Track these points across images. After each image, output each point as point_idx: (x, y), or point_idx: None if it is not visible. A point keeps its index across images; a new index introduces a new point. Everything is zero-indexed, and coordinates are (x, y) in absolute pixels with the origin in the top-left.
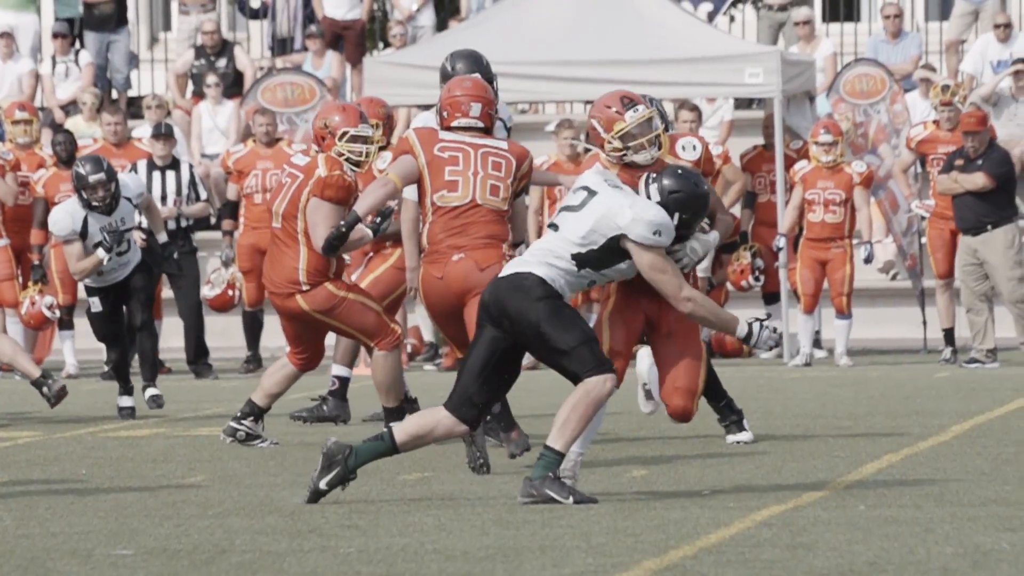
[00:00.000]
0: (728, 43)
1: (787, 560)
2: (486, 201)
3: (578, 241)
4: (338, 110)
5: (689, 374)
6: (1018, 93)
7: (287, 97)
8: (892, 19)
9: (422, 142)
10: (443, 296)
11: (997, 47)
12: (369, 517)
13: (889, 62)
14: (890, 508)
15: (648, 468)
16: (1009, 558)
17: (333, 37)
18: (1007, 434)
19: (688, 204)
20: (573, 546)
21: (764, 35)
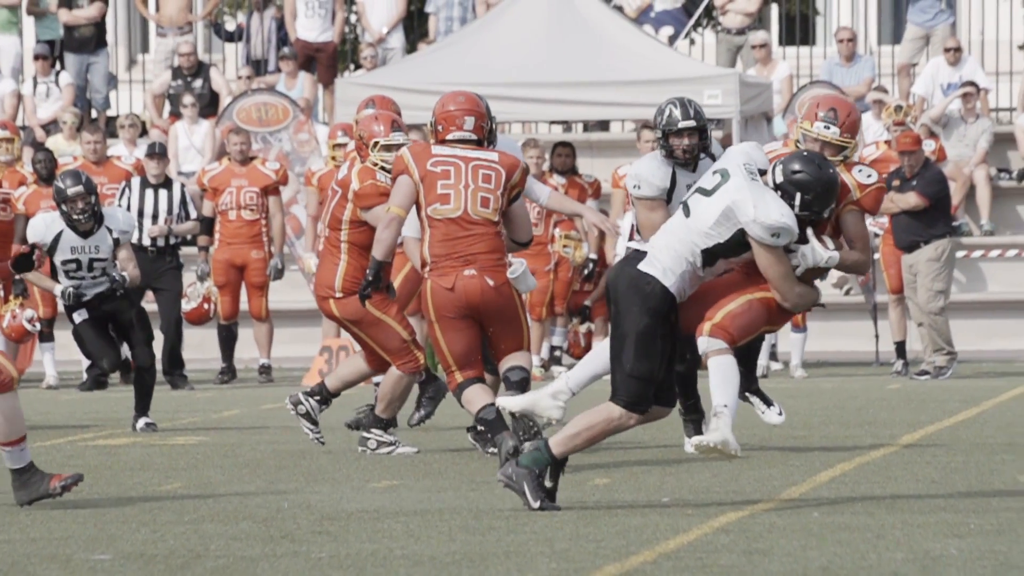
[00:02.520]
0: (688, 65)
1: (743, 565)
2: (477, 212)
3: (707, 231)
4: (372, 120)
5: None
6: (967, 115)
7: (261, 117)
8: (846, 43)
9: (416, 159)
10: (453, 304)
11: (947, 70)
12: (340, 523)
13: (843, 84)
14: (843, 515)
15: (610, 476)
16: (957, 563)
17: (306, 59)
18: (956, 444)
19: (809, 186)
20: (537, 552)
21: (723, 58)
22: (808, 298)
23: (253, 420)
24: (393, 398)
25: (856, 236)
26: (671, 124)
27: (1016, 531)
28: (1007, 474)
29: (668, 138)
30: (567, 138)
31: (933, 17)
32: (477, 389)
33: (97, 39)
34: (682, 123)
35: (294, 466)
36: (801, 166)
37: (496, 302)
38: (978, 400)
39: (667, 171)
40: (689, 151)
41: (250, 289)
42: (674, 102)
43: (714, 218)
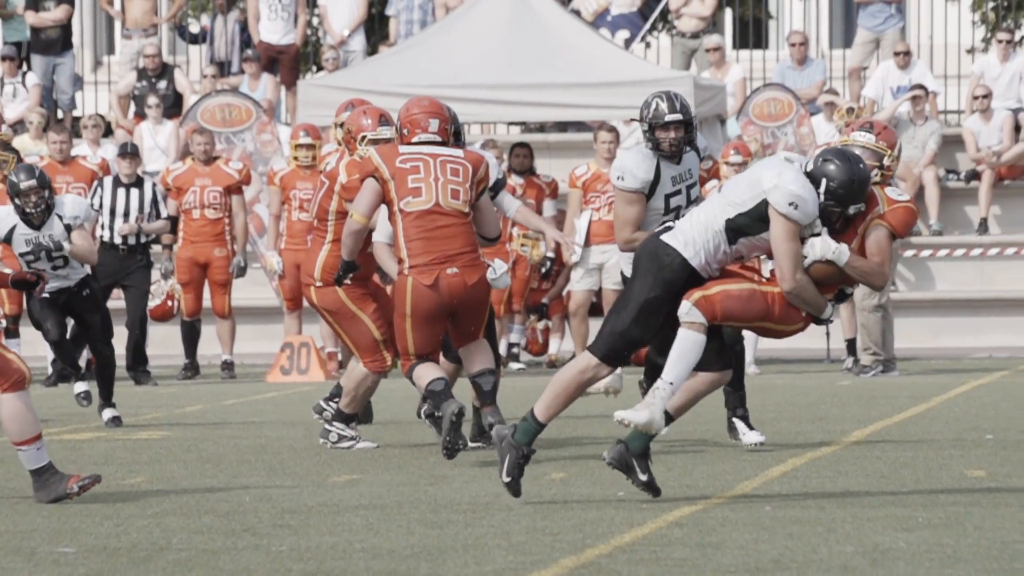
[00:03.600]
0: (644, 68)
1: (696, 558)
2: (448, 204)
3: (734, 201)
4: (360, 114)
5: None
6: (916, 117)
7: (225, 117)
8: (798, 47)
9: (384, 158)
10: (434, 303)
11: (897, 73)
12: (300, 517)
13: (795, 87)
14: (794, 509)
15: (566, 471)
16: (906, 556)
17: (268, 61)
18: (905, 439)
19: (837, 175)
20: (494, 545)
21: (678, 61)
22: (809, 296)
23: (215, 416)
24: (357, 394)
25: (876, 250)
26: (658, 117)
27: (963, 525)
28: (955, 469)
29: (655, 131)
30: (525, 139)
31: (883, 22)
32: (427, 365)
33: (63, 41)
34: (669, 116)
35: (255, 461)
36: (834, 156)
37: (473, 298)
38: (927, 397)
39: (651, 164)
40: (675, 144)
41: (213, 286)
42: (660, 96)
43: (742, 187)
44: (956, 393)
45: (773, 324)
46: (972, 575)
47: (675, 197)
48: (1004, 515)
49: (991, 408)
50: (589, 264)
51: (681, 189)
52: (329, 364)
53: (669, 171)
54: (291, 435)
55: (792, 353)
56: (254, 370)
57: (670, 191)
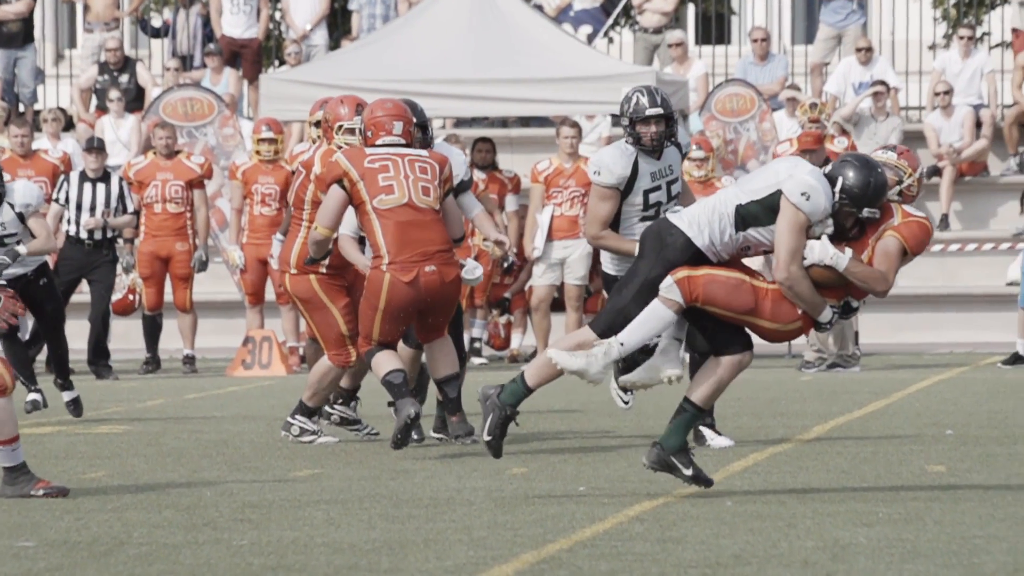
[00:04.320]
0: (606, 64)
1: (657, 553)
2: (420, 200)
3: (748, 189)
4: (338, 103)
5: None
6: (877, 113)
7: (187, 111)
8: (760, 42)
9: (352, 160)
10: (411, 299)
11: (859, 69)
12: (261, 511)
13: (757, 83)
14: (755, 504)
15: (527, 466)
16: (866, 551)
17: (231, 55)
18: (865, 435)
19: (853, 175)
20: (455, 540)
21: (640, 56)
22: (802, 291)
23: (176, 410)
24: (320, 387)
25: (883, 258)
26: (638, 112)
27: (923, 519)
28: (915, 464)
29: (635, 126)
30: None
31: (845, 18)
32: (387, 354)
33: (25, 34)
34: (649, 111)
35: (216, 455)
36: (853, 159)
37: (447, 294)
38: (887, 392)
39: (629, 161)
40: (656, 139)
41: (174, 281)
42: (641, 90)
43: (758, 177)
44: (917, 389)
45: (763, 321)
46: (932, 570)
47: (654, 193)
48: (964, 510)
49: (951, 404)
50: (551, 259)
51: (661, 185)
52: (291, 359)
53: (648, 167)
54: (252, 430)
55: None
56: (215, 364)
57: (649, 187)
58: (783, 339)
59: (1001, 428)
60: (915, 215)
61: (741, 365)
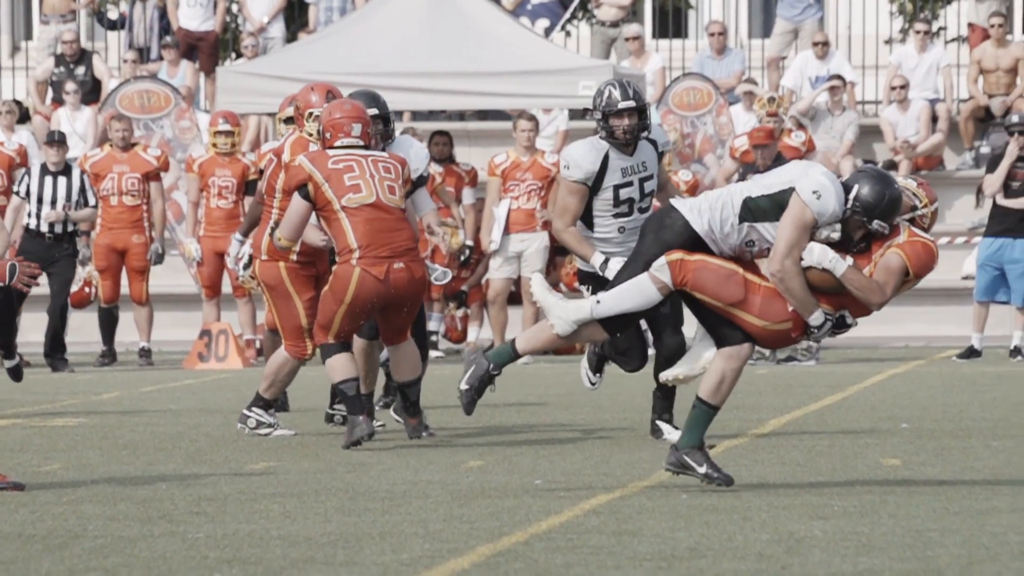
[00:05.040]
0: (563, 57)
1: (613, 546)
2: (388, 199)
3: (761, 184)
4: (309, 91)
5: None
6: (834, 107)
7: (143, 104)
8: (717, 36)
9: (315, 163)
10: (379, 295)
11: (815, 64)
12: (217, 504)
13: (714, 77)
14: (710, 497)
15: (483, 459)
16: (821, 544)
17: (187, 47)
18: (821, 428)
19: (868, 186)
20: (411, 532)
21: (597, 50)
22: (793, 287)
23: (132, 403)
24: (277, 379)
25: (883, 271)
26: (611, 105)
27: (878, 513)
28: (870, 457)
29: (608, 119)
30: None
31: (802, 12)
32: (344, 358)
33: None
34: (622, 103)
35: (172, 448)
36: (870, 171)
37: (414, 293)
38: (843, 385)
39: (598, 156)
40: (629, 132)
41: (131, 273)
42: (613, 83)
43: (772, 175)
44: (872, 382)
45: (751, 316)
46: (886, 563)
47: (625, 189)
48: (919, 503)
49: (907, 397)
50: (508, 252)
51: (633, 181)
52: (247, 352)
53: (619, 162)
54: (208, 422)
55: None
56: (172, 357)
57: (619, 182)
58: (773, 341)
59: (956, 422)
60: (921, 236)
61: (741, 356)
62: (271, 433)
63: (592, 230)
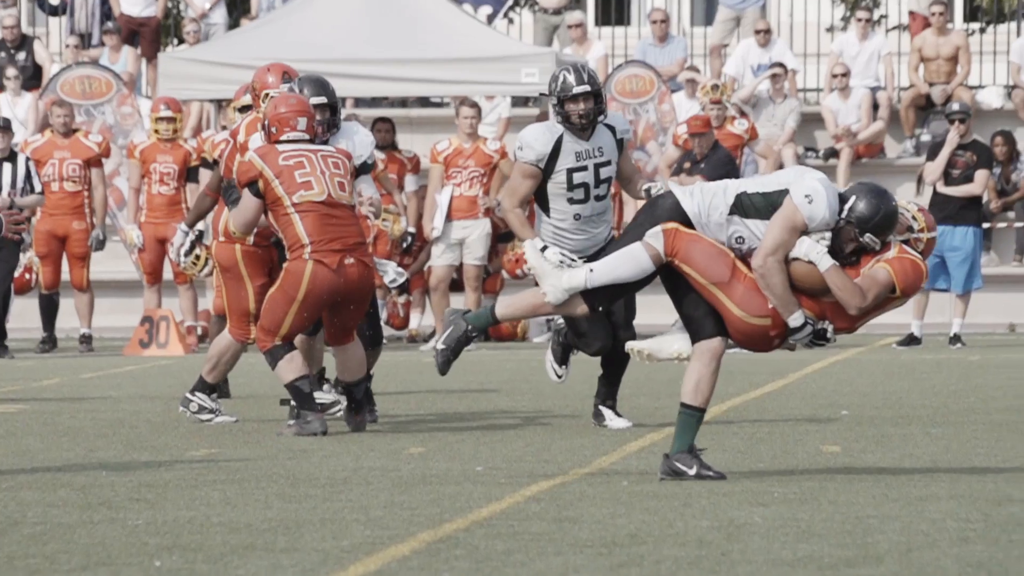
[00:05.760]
0: (506, 44)
1: (554, 532)
2: (339, 196)
3: (757, 182)
4: (265, 71)
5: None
6: (776, 95)
7: (84, 90)
8: (659, 24)
9: (266, 160)
10: (331, 289)
11: (757, 51)
12: (158, 491)
13: (657, 64)
14: (651, 484)
15: (425, 446)
16: (761, 531)
17: (129, 33)
18: (762, 415)
19: (865, 199)
20: (352, 519)
21: (540, 37)
22: (774, 283)
23: (73, 389)
24: (220, 362)
25: (867, 280)
26: (566, 90)
27: (818, 499)
28: (810, 444)
29: (564, 104)
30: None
31: (744, 0)
32: (294, 357)
33: None
34: (576, 88)
35: (113, 434)
36: (871, 186)
37: (364, 289)
38: (784, 372)
39: (551, 139)
40: (585, 116)
41: (71, 260)
42: (567, 68)
43: (769, 176)
44: (812, 369)
45: (731, 303)
46: (826, 549)
47: (580, 173)
48: (858, 490)
49: (847, 384)
50: (450, 239)
51: (588, 166)
52: (188, 338)
53: (573, 146)
54: (149, 409)
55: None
56: (112, 343)
57: (573, 166)
58: (749, 337)
59: (896, 409)
60: (911, 254)
61: (713, 353)
62: (212, 419)
63: (548, 215)
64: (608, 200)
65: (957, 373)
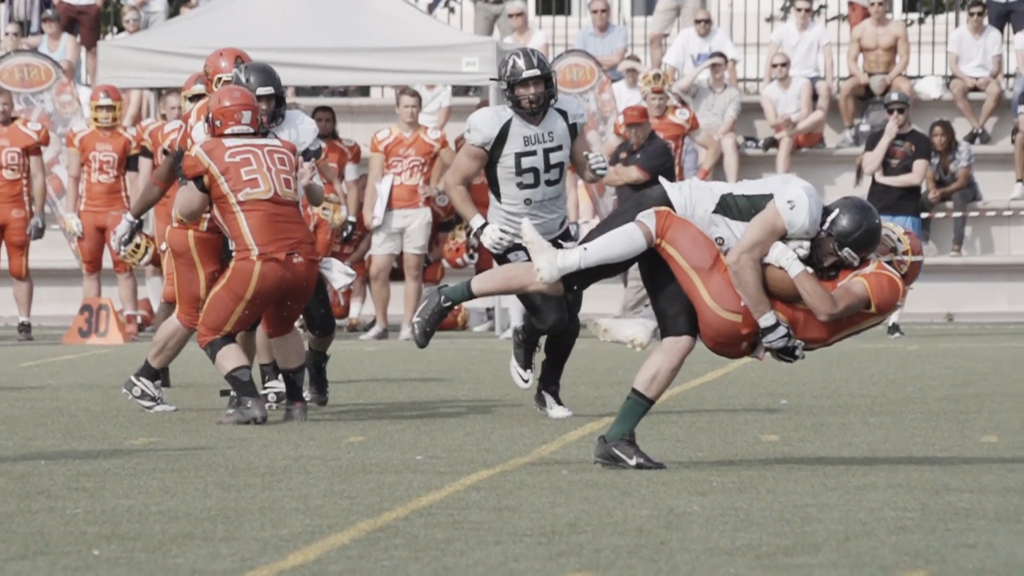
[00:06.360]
0: (447, 33)
1: (493, 522)
2: (284, 194)
3: (745, 184)
4: (218, 56)
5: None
6: (716, 85)
7: (24, 78)
8: (600, 13)
9: (212, 156)
10: (278, 289)
11: (697, 41)
12: (96, 480)
13: (597, 54)
14: (591, 473)
15: (364, 435)
16: (700, 520)
17: (68, 21)
18: (701, 404)
19: (849, 214)
20: (291, 508)
21: (480, 26)
22: (746, 280)
23: (11, 378)
24: (166, 347)
25: (841, 290)
26: (515, 74)
27: (757, 488)
28: (749, 434)
29: (514, 88)
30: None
31: None
32: (233, 348)
33: None
34: (526, 72)
35: (51, 423)
36: (857, 201)
37: (308, 286)
38: (723, 362)
39: (498, 122)
40: (535, 100)
41: (10, 248)
42: (517, 52)
43: (759, 180)
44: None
45: (706, 293)
46: (765, 538)
47: (528, 158)
48: (797, 479)
49: (785, 374)
50: (391, 228)
51: (536, 150)
52: (128, 327)
53: (522, 130)
54: (88, 398)
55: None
56: (51, 332)
57: (521, 151)
58: (718, 333)
59: (834, 398)
60: (890, 271)
61: (678, 351)
62: (153, 407)
63: (500, 200)
64: (561, 186)
65: (895, 362)
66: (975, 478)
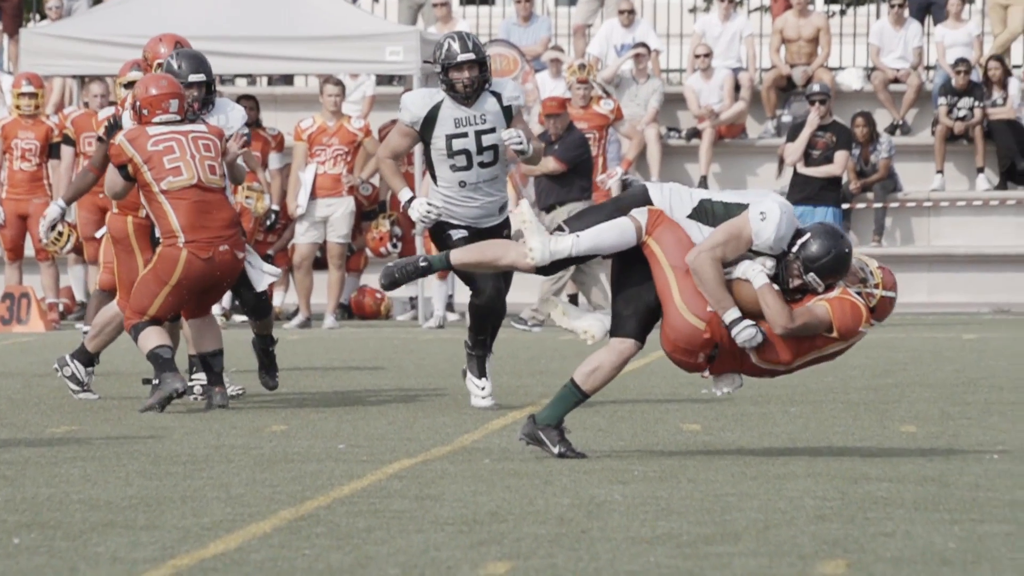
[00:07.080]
0: (370, 22)
1: (415, 510)
2: (208, 180)
3: (725, 192)
4: (157, 41)
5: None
6: (639, 75)
7: None
8: (523, 3)
9: (134, 144)
10: (204, 277)
11: (621, 32)
12: (16, 468)
13: (521, 43)
14: (513, 462)
15: (287, 423)
16: (621, 509)
17: None
18: (623, 393)
19: (819, 239)
20: (213, 497)
21: (404, 15)
22: (707, 278)
23: None
24: (104, 331)
25: (802, 309)
26: (450, 58)
27: (677, 477)
28: (670, 423)
29: (448, 72)
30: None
31: None
32: (155, 329)
33: None
34: (461, 56)
35: None
36: (830, 228)
37: (232, 274)
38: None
39: (428, 103)
40: (469, 84)
41: None
42: (452, 36)
43: (739, 191)
44: None
45: (676, 294)
46: (685, 527)
47: (459, 140)
48: (717, 468)
49: None
50: (315, 217)
51: (468, 132)
52: (50, 315)
53: (453, 112)
54: (9, 386)
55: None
56: None
57: (452, 132)
58: (681, 335)
59: (755, 388)
60: (854, 297)
61: (622, 353)
62: (77, 394)
63: (436, 183)
64: (498, 168)
65: None
66: (894, 467)
